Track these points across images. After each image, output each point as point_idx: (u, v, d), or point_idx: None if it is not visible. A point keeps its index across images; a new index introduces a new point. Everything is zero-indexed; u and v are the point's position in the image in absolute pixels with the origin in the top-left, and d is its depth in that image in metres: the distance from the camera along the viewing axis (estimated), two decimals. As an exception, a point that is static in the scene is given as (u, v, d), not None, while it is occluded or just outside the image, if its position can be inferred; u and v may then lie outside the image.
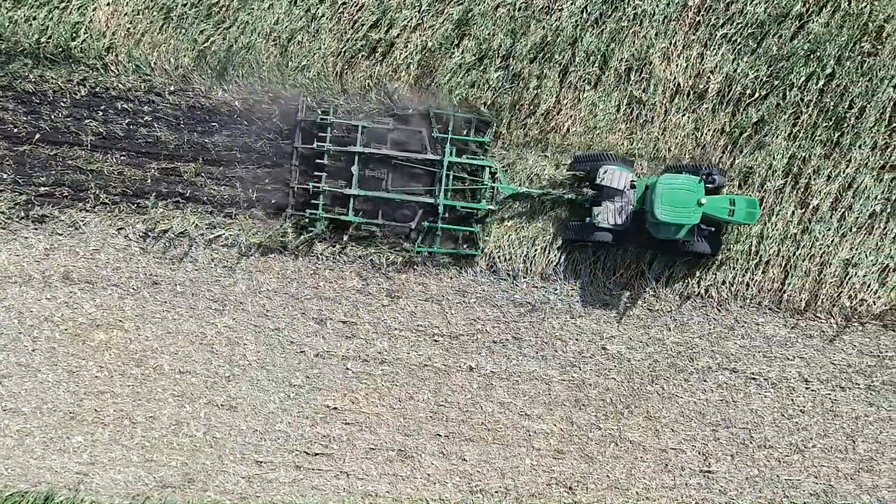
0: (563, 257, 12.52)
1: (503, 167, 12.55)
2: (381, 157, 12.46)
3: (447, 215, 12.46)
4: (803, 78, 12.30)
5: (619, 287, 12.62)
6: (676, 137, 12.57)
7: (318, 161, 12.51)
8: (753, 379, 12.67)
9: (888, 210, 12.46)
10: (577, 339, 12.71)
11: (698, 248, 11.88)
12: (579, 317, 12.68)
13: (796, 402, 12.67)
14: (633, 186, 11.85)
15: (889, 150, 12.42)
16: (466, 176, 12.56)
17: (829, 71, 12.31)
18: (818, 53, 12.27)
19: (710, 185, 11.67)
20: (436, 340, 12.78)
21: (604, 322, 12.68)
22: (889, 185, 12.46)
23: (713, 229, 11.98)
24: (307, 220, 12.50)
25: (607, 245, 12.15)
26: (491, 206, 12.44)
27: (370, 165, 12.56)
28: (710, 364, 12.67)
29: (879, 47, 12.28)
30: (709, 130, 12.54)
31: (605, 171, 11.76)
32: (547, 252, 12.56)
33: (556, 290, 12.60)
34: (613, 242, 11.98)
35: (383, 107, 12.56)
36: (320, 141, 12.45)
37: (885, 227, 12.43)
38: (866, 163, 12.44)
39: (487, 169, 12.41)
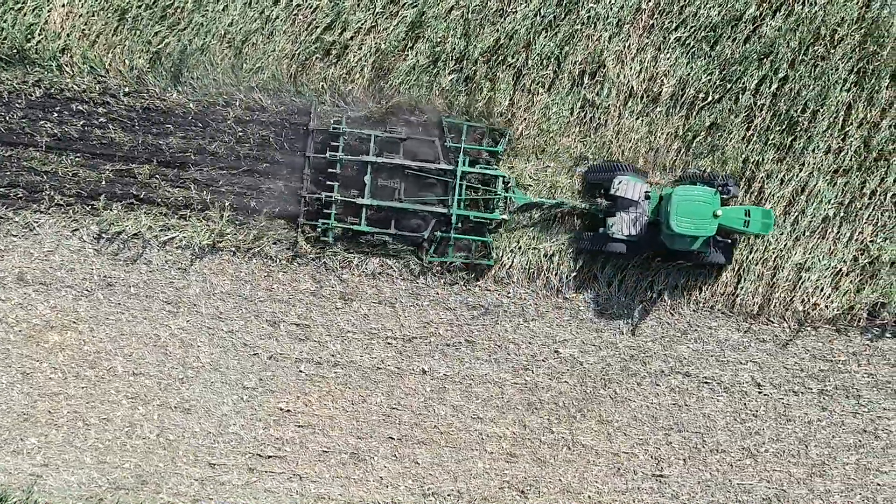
0: (515, 260, 12.50)
1: (515, 176, 12.46)
2: (393, 166, 12.31)
3: (460, 225, 12.37)
4: (756, 81, 12.27)
5: (571, 290, 12.59)
6: (630, 141, 12.51)
7: (330, 170, 12.34)
8: (706, 383, 12.61)
9: (841, 214, 12.39)
10: (529, 343, 12.65)
11: (714, 258, 11.77)
12: (532, 320, 12.63)
13: (749, 406, 12.60)
14: (647, 197, 11.71)
15: (842, 154, 12.37)
16: (479, 185, 12.41)
17: (782, 74, 12.25)
18: (771, 57, 12.24)
19: (724, 196, 11.61)
20: (389, 343, 12.73)
21: (557, 325, 12.62)
22: (842, 189, 12.40)
23: (729, 241, 11.93)
24: (320, 230, 12.41)
25: (621, 255, 12.06)
26: (504, 216, 12.32)
27: (382, 174, 12.38)
28: (662, 368, 12.61)
29: (832, 51, 12.24)
30: (662, 134, 12.48)
31: (620, 182, 11.64)
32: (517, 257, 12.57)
33: (508, 293, 12.58)
34: (627, 253, 11.89)
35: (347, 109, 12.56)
36: (332, 150, 12.28)
37: (838, 232, 12.36)
38: (820, 167, 12.38)
39: (500, 179, 12.28)
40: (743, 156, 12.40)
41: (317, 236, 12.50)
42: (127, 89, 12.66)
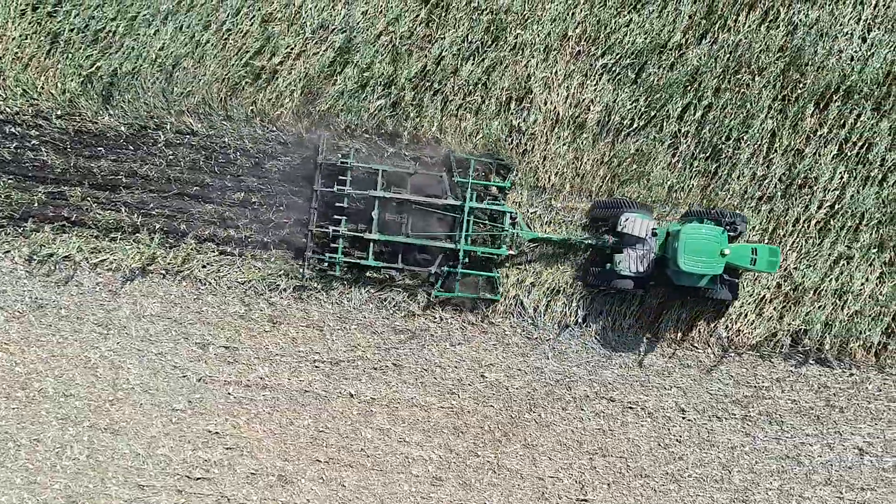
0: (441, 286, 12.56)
1: (522, 212, 12.39)
2: (401, 201, 12.22)
3: (467, 260, 12.27)
4: (680, 108, 12.31)
5: (498, 315, 12.62)
6: (556, 166, 12.53)
7: (337, 205, 12.24)
8: (631, 408, 12.63)
9: (765, 241, 12.45)
10: (456, 367, 12.68)
11: (720, 295, 11.70)
12: (458, 344, 12.65)
13: (673, 431, 12.63)
14: (654, 234, 11.60)
15: (766, 181, 12.42)
16: (487, 220, 12.33)
17: (706, 102, 12.30)
18: (696, 84, 12.28)
19: (732, 234, 11.51)
20: (316, 366, 12.76)
21: (483, 350, 12.64)
22: (767, 216, 12.44)
23: (735, 281, 11.85)
24: (327, 264, 12.30)
25: (629, 291, 11.99)
26: (511, 252, 12.28)
27: (390, 209, 12.27)
28: (587, 393, 12.64)
29: (756, 79, 12.28)
30: (589, 160, 12.52)
31: (626, 219, 11.53)
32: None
33: (435, 318, 12.60)
34: (635, 289, 11.84)
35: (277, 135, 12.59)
36: (340, 185, 12.19)
37: (762, 258, 12.43)
38: (744, 194, 12.43)
39: (508, 214, 12.17)
40: (668, 183, 12.43)
41: (323, 269, 12.40)
42: (59, 112, 12.65)
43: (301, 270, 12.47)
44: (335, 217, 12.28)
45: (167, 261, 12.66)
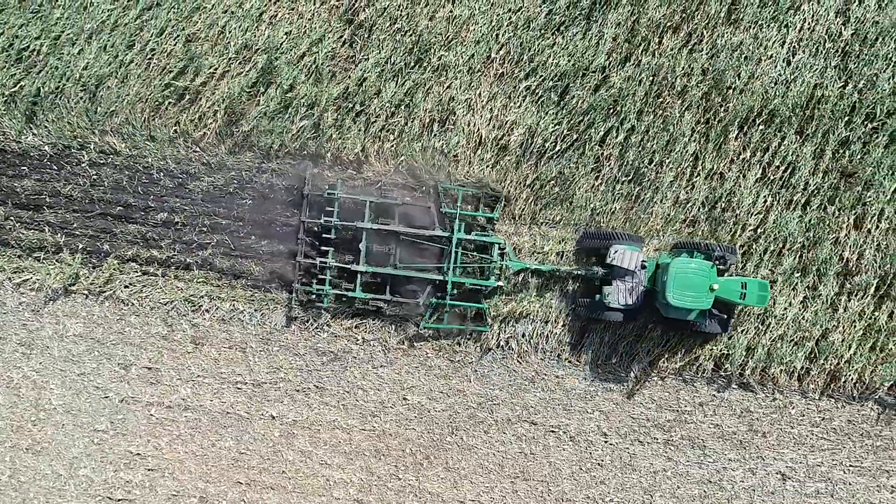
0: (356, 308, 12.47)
1: (511, 242, 12.21)
2: (388, 232, 12.10)
3: (455, 291, 12.10)
4: (603, 132, 12.22)
5: (421, 338, 12.54)
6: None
7: (324, 236, 12.11)
8: (552, 432, 12.53)
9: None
10: (378, 389, 12.59)
11: (709, 328, 11.57)
12: (381, 367, 12.56)
13: (594, 455, 12.52)
14: (643, 266, 11.46)
15: (689, 204, 12.33)
16: (475, 251, 12.16)
17: (629, 125, 12.23)
18: (619, 107, 12.19)
19: (722, 267, 11.41)
20: (239, 388, 12.67)
21: (405, 372, 12.54)
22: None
23: (725, 317, 11.70)
24: (315, 296, 12.18)
25: (618, 323, 11.89)
26: (500, 283, 12.10)
27: (378, 240, 12.13)
28: (509, 416, 12.54)
29: (679, 102, 12.19)
30: (512, 182, 12.44)
31: (616, 251, 11.38)
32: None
33: (357, 340, 12.52)
34: (624, 320, 11.71)
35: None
36: (327, 216, 12.06)
37: (684, 282, 12.33)
38: (667, 217, 12.33)
39: (496, 245, 11.99)
40: (591, 205, 12.34)
41: (310, 301, 12.29)
42: (-18, 131, 12.63)
43: (289, 302, 12.35)
44: (322, 248, 12.14)
45: (90, 281, 12.58)
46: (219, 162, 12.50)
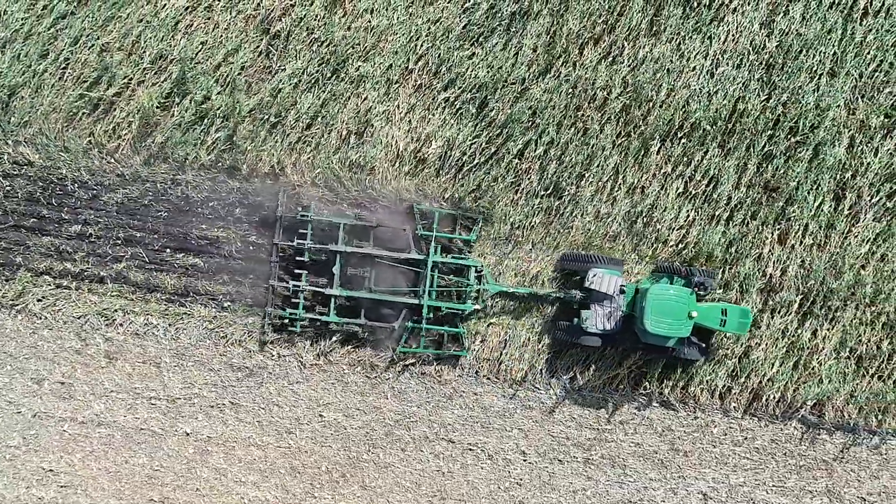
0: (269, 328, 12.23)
1: (489, 264, 11.90)
2: (363, 254, 11.80)
3: (431, 316, 11.74)
4: (522, 144, 11.98)
5: (337, 354, 12.30)
6: (401, 202, 12.22)
7: (297, 259, 11.81)
8: (471, 450, 12.27)
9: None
10: (294, 406, 12.33)
11: (689, 356, 11.29)
12: (297, 383, 12.31)
13: (513, 474, 12.25)
14: (622, 291, 11.16)
15: (609, 218, 12.10)
16: (451, 275, 11.81)
17: (548, 138, 11.99)
18: (538, 119, 11.95)
19: (701, 293, 11.12)
20: (153, 403, 12.42)
21: (322, 389, 12.28)
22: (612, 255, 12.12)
23: (703, 345, 11.46)
24: (288, 321, 11.88)
25: (596, 349, 11.60)
26: (477, 306, 11.82)
27: (352, 263, 11.83)
28: (427, 434, 12.28)
29: (600, 115, 11.96)
30: (432, 195, 12.21)
31: (594, 275, 11.07)
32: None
33: (273, 355, 12.28)
34: (603, 345, 11.44)
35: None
36: (300, 238, 11.76)
37: (604, 298, 12.09)
38: (588, 232, 12.09)
39: (473, 268, 11.67)
40: (511, 220, 12.11)
41: (283, 325, 12.00)
42: None
43: (262, 326, 12.08)
44: (296, 271, 11.85)
45: (2, 294, 12.31)
46: (133, 173, 12.25)
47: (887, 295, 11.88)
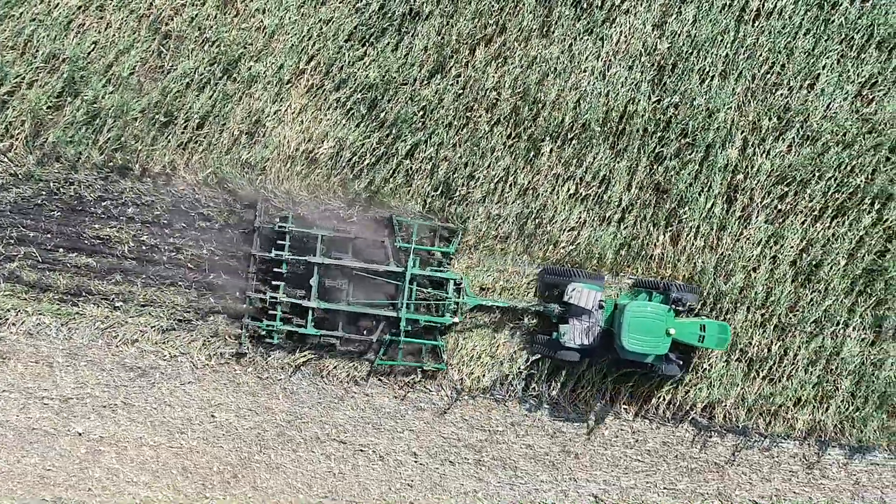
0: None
1: (467, 276, 11.78)
2: (341, 266, 11.67)
3: (409, 328, 11.61)
4: (411, 145, 11.93)
5: (230, 355, 12.25)
6: (294, 201, 12.15)
7: (275, 270, 11.65)
8: (362, 451, 12.21)
9: (501, 283, 12.05)
10: (185, 406, 12.27)
11: (667, 371, 11.17)
12: (189, 383, 12.24)
13: (404, 475, 12.18)
14: (601, 306, 11.02)
15: (500, 220, 12.03)
16: (430, 287, 11.67)
17: (438, 139, 11.92)
18: (427, 120, 11.89)
19: (679, 309, 10.99)
20: (45, 403, 12.34)
21: (214, 389, 12.20)
22: (501, 257, 12.07)
23: (681, 362, 11.33)
24: (265, 332, 11.71)
25: (575, 363, 11.45)
26: (455, 320, 11.65)
27: (330, 275, 11.71)
28: (318, 434, 12.21)
29: (488, 115, 11.90)
30: (325, 195, 12.14)
31: (574, 290, 10.91)
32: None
33: (165, 356, 12.23)
34: (581, 360, 11.31)
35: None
36: (278, 249, 11.59)
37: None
38: (479, 233, 12.04)
39: (452, 281, 11.57)
40: (404, 222, 12.04)
41: (261, 336, 11.84)
42: None
43: (240, 338, 11.94)
44: (273, 283, 11.69)
45: None
46: (26, 173, 12.16)
47: (777, 298, 11.82)
